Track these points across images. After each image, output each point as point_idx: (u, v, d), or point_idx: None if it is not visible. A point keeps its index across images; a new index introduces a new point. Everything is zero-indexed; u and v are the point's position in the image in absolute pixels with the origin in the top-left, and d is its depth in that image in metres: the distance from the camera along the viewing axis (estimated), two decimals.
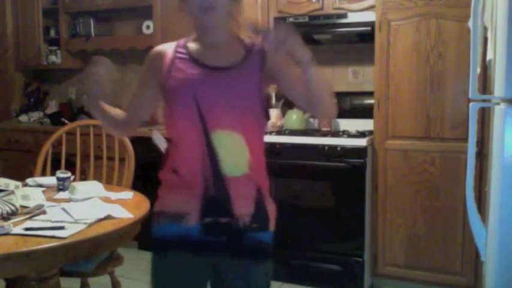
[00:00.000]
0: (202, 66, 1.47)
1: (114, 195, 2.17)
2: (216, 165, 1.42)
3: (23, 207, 1.93)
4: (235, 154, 1.45)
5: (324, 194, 3.15)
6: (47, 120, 4.56)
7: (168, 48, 1.54)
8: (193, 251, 1.45)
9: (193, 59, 1.49)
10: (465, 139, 2.02)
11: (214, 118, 1.42)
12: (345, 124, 3.61)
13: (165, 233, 1.47)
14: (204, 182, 1.43)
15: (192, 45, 1.53)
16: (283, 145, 3.21)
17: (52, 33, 4.64)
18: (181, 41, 1.56)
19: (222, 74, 1.45)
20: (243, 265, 1.49)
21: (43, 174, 2.69)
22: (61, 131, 2.82)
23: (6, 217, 1.80)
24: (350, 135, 3.30)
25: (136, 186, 2.57)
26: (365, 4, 3.26)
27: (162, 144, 1.66)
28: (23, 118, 4.68)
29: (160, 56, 1.52)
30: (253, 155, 1.47)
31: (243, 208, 1.46)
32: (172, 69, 1.48)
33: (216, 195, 1.43)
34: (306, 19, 3.39)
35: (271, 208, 1.55)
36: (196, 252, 1.45)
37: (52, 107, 4.74)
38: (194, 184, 1.44)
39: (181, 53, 1.51)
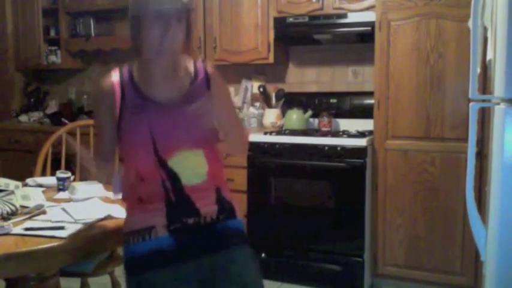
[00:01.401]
0: (154, 103, 1.48)
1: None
2: (175, 178, 1.46)
3: (23, 207, 1.93)
4: (193, 167, 1.49)
5: (324, 194, 3.15)
6: (47, 120, 4.56)
7: (114, 83, 1.52)
8: (171, 265, 1.44)
9: (143, 97, 1.49)
10: (465, 139, 2.02)
11: (171, 148, 1.46)
12: (345, 124, 3.61)
13: (136, 251, 1.47)
14: (166, 195, 1.46)
15: (138, 77, 1.52)
16: (283, 145, 3.21)
17: (52, 33, 4.64)
18: (125, 73, 1.54)
19: (174, 108, 1.49)
20: (225, 257, 1.49)
21: (43, 174, 2.69)
22: (61, 131, 2.81)
23: (6, 217, 1.80)
24: (350, 135, 3.30)
25: None
26: (365, 4, 3.26)
27: (116, 188, 1.67)
28: (23, 118, 4.68)
29: (110, 94, 1.51)
30: (211, 164, 1.51)
31: (206, 207, 1.49)
32: (124, 109, 1.48)
33: (177, 201, 1.46)
34: (306, 19, 3.39)
35: (233, 200, 1.59)
36: (174, 265, 1.44)
37: (52, 107, 4.74)
38: (157, 200, 1.47)
39: (129, 89, 1.50)
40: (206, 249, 1.47)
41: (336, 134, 3.37)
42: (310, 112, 3.65)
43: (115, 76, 1.53)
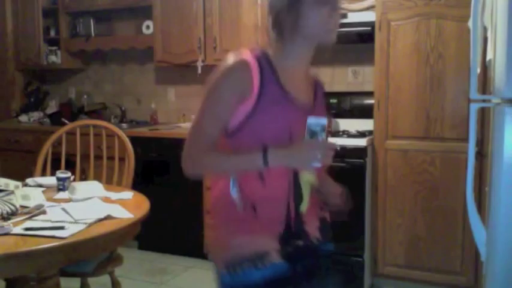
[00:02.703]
0: (294, 103, 1.35)
1: (114, 195, 2.17)
2: (299, 204, 1.36)
3: (23, 207, 1.93)
4: (310, 189, 1.40)
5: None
6: (47, 120, 4.56)
7: (252, 67, 1.30)
8: None
9: (284, 91, 1.33)
10: (465, 139, 2.02)
11: None
12: (345, 124, 3.60)
13: (248, 281, 1.29)
14: (286, 222, 1.34)
15: (278, 68, 1.35)
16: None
17: (52, 33, 4.64)
18: (263, 59, 1.33)
19: (308, 112, 1.34)
20: (328, 281, 1.46)
21: (43, 174, 2.69)
22: (61, 131, 2.81)
23: (6, 217, 1.80)
24: (350, 135, 3.30)
25: (136, 186, 2.57)
26: (365, 4, 3.26)
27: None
28: (23, 118, 4.68)
29: (246, 78, 1.29)
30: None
31: (313, 227, 1.43)
32: (263, 97, 1.29)
33: (295, 231, 1.36)
34: None
35: (328, 217, 1.54)
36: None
37: (52, 107, 4.74)
38: (274, 224, 1.33)
39: (269, 77, 1.31)
40: (316, 272, 1.41)
41: (336, 134, 3.36)
42: None
43: (251, 59, 1.31)
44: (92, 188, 2.17)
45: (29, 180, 2.41)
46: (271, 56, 1.35)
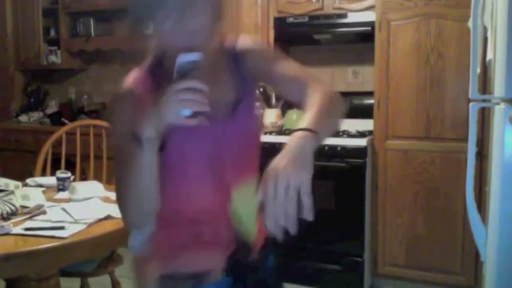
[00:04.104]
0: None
1: (114, 195, 2.17)
2: (243, 232, 1.20)
3: (23, 207, 1.92)
4: (251, 204, 1.17)
5: (324, 194, 3.15)
6: (47, 120, 4.56)
7: (137, 89, 1.12)
8: None
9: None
10: (465, 139, 2.02)
11: (232, 173, 1.16)
12: (345, 124, 3.59)
13: None
14: (228, 240, 1.20)
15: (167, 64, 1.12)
16: (283, 145, 3.20)
17: (52, 33, 4.65)
18: (156, 66, 1.17)
19: (222, 124, 1.15)
20: None
21: (43, 174, 2.69)
22: (61, 131, 2.81)
23: (6, 217, 1.79)
24: (350, 135, 3.30)
25: None
26: (365, 4, 3.26)
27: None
28: (23, 118, 4.68)
29: (130, 100, 1.11)
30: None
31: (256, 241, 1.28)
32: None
33: (244, 253, 1.23)
34: (306, 19, 3.39)
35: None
36: None
37: (52, 107, 4.74)
38: (217, 241, 1.19)
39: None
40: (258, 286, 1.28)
41: (336, 134, 3.36)
42: None
43: (135, 74, 1.16)
44: (92, 188, 2.17)
45: (29, 180, 2.41)
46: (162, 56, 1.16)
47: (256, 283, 1.28)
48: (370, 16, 3.17)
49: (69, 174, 2.32)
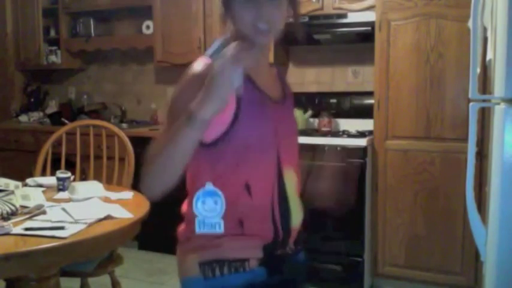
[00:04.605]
0: (271, 99, 1.26)
1: (114, 195, 2.17)
2: (287, 217, 1.27)
3: (23, 207, 1.92)
4: (296, 198, 1.31)
5: (324, 194, 3.15)
6: (47, 120, 4.56)
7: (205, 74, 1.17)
8: None
9: (259, 89, 1.23)
10: (465, 139, 2.02)
11: (284, 155, 1.23)
12: (345, 124, 3.60)
13: (228, 283, 1.23)
14: (273, 235, 1.25)
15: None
16: None
17: (52, 33, 4.65)
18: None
19: (281, 106, 1.29)
20: None
21: (43, 174, 2.69)
22: (61, 131, 2.81)
23: (6, 217, 1.79)
24: (350, 135, 3.30)
25: (136, 186, 2.57)
26: (365, 4, 3.26)
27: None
28: (23, 118, 4.68)
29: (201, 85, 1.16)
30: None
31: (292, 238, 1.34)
32: (242, 100, 1.17)
33: (281, 243, 1.28)
34: (306, 19, 3.39)
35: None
36: None
37: (52, 107, 4.75)
38: (260, 235, 1.25)
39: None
40: (291, 281, 1.33)
41: (336, 134, 3.37)
42: (310, 112, 3.65)
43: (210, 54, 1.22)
44: (92, 188, 2.17)
45: (29, 180, 2.41)
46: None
47: (291, 276, 1.33)
48: (370, 16, 3.17)
49: (69, 174, 2.32)
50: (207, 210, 1.18)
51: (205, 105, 1.03)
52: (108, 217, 1.83)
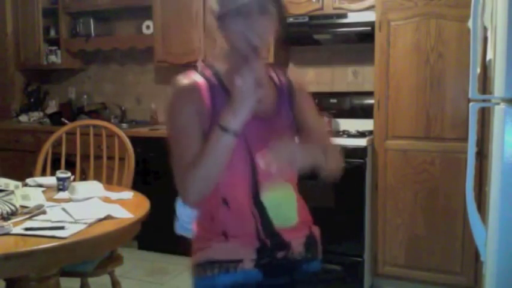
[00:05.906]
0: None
1: (114, 195, 2.17)
2: (268, 222, 1.31)
3: (23, 207, 1.92)
4: (284, 206, 1.36)
5: (323, 194, 3.15)
6: (47, 120, 4.56)
7: (200, 86, 1.29)
8: None
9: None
10: (465, 139, 2.02)
11: (267, 175, 1.25)
12: (345, 124, 3.60)
13: (217, 283, 1.29)
14: (258, 238, 1.30)
15: (227, 81, 1.30)
16: None
17: (52, 33, 4.64)
18: (211, 76, 1.32)
19: (266, 121, 1.32)
20: None
21: (43, 174, 2.69)
22: (61, 131, 2.81)
23: (6, 217, 1.79)
24: (350, 135, 3.30)
25: (136, 186, 2.57)
26: (365, 4, 3.26)
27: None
28: (23, 118, 4.68)
29: (198, 98, 1.28)
30: (298, 197, 1.41)
31: (297, 240, 1.37)
32: (216, 116, 1.23)
33: (269, 237, 1.32)
34: (306, 19, 3.39)
35: (317, 234, 1.49)
36: None
37: (52, 107, 4.75)
38: (246, 240, 1.30)
39: (220, 95, 1.28)
40: (292, 285, 1.36)
41: (336, 134, 3.36)
42: None
43: (197, 78, 1.30)
44: (92, 188, 2.17)
45: (29, 180, 2.41)
46: (218, 67, 1.33)
47: (291, 284, 1.35)
48: (370, 16, 3.17)
49: (69, 174, 2.32)
50: (186, 215, 1.34)
51: (237, 116, 1.18)
52: (108, 217, 1.83)
